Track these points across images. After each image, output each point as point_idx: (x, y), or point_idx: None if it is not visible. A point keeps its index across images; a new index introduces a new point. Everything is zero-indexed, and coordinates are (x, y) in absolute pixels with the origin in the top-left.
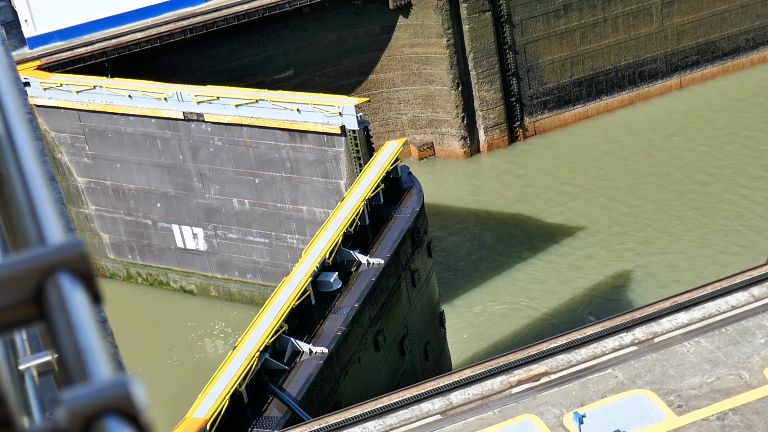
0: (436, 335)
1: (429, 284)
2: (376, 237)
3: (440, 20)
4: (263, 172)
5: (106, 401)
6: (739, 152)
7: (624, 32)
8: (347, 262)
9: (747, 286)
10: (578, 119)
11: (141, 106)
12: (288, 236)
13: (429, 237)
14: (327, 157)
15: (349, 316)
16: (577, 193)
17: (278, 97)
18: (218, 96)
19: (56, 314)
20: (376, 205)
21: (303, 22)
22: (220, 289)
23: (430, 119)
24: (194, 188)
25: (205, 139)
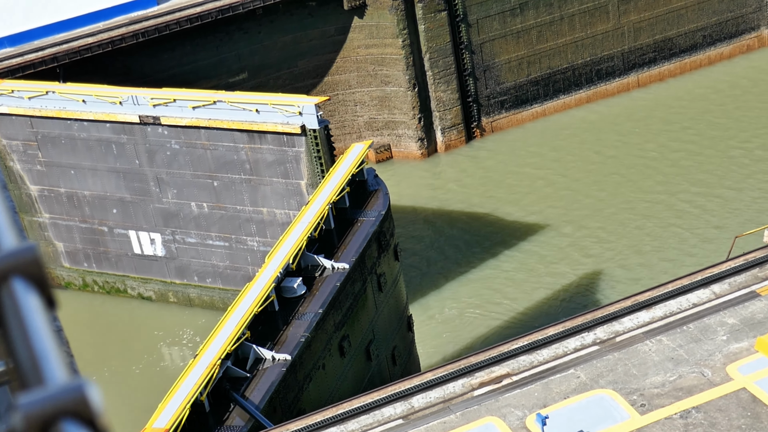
0: (403, 340)
1: (396, 288)
2: (342, 241)
3: (395, 20)
4: (222, 175)
5: (62, 405)
6: (699, 149)
7: (581, 30)
8: (312, 267)
9: (708, 283)
10: (535, 118)
11: (95, 110)
12: (248, 239)
13: (396, 240)
14: (287, 157)
15: (312, 322)
16: (535, 192)
17: (236, 98)
18: (175, 98)
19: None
20: (341, 208)
21: (257, 24)
22: (179, 294)
23: (386, 121)
24: (151, 193)
25: (162, 142)
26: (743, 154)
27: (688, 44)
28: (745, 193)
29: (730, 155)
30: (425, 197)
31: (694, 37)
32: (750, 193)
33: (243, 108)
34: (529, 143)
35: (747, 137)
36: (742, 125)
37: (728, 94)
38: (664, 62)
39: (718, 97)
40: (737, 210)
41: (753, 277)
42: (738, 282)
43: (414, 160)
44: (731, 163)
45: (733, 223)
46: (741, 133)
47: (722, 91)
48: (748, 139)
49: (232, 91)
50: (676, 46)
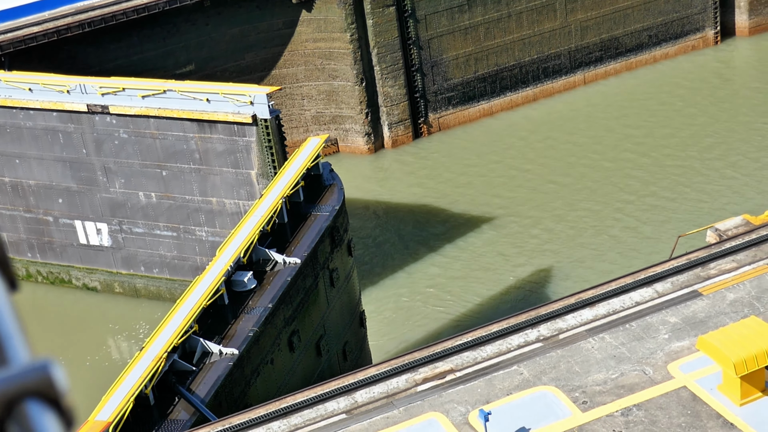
0: (355, 335)
1: (349, 284)
2: (295, 235)
3: (344, 15)
4: (171, 164)
5: (26, 385)
6: (644, 148)
7: (528, 28)
8: (263, 261)
9: (650, 282)
10: (482, 115)
11: (42, 99)
12: (197, 229)
13: (350, 236)
14: (237, 147)
15: (262, 316)
16: (482, 188)
17: (187, 88)
18: (124, 87)
19: None
20: (295, 202)
21: (204, 16)
22: (125, 285)
23: (333, 115)
24: (98, 182)
25: (110, 131)
26: (688, 154)
27: (634, 44)
28: (689, 192)
29: (675, 154)
30: (372, 192)
31: (640, 37)
32: (694, 192)
33: (193, 97)
34: (476, 140)
35: (692, 137)
36: (688, 125)
37: (673, 93)
38: (610, 61)
39: (663, 97)
40: (680, 209)
41: (695, 276)
42: (680, 281)
43: (361, 155)
44: (675, 163)
45: (676, 223)
46: (686, 133)
47: (668, 91)
48: (693, 139)
49: (182, 81)
50: (622, 46)
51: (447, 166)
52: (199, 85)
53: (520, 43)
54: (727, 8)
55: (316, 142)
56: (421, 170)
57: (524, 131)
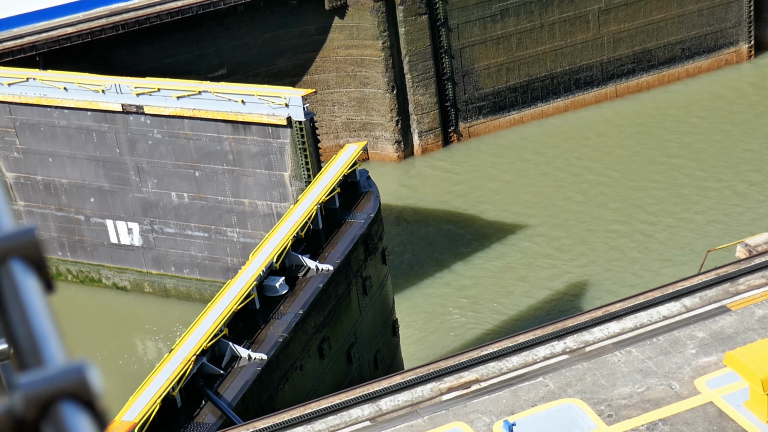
0: (388, 344)
1: (382, 292)
2: (329, 242)
3: (376, 22)
4: (204, 165)
5: (61, 386)
6: (675, 161)
7: (560, 39)
8: (296, 267)
9: (679, 296)
10: (512, 125)
11: (77, 98)
12: (228, 230)
13: (384, 244)
14: (271, 148)
15: (292, 322)
16: (511, 198)
17: (222, 89)
18: (159, 88)
19: (9, 300)
20: (331, 209)
21: (237, 20)
22: (155, 285)
23: (364, 122)
24: (131, 182)
25: (144, 131)
26: (719, 168)
27: (666, 57)
28: (719, 207)
29: (706, 168)
30: (402, 199)
31: (673, 50)
32: (724, 207)
33: (228, 99)
34: (506, 149)
35: (724, 151)
36: (719, 139)
37: (706, 107)
38: (642, 74)
39: (695, 110)
40: (710, 224)
41: (724, 291)
42: (709, 296)
43: (390, 163)
44: (706, 177)
45: (705, 237)
46: (718, 147)
47: (700, 105)
48: (725, 153)
49: (217, 82)
50: (654, 58)
51: (476, 175)
52: (234, 86)
53: (552, 54)
54: (761, 22)
55: (353, 149)
56: (450, 178)
57: (555, 142)
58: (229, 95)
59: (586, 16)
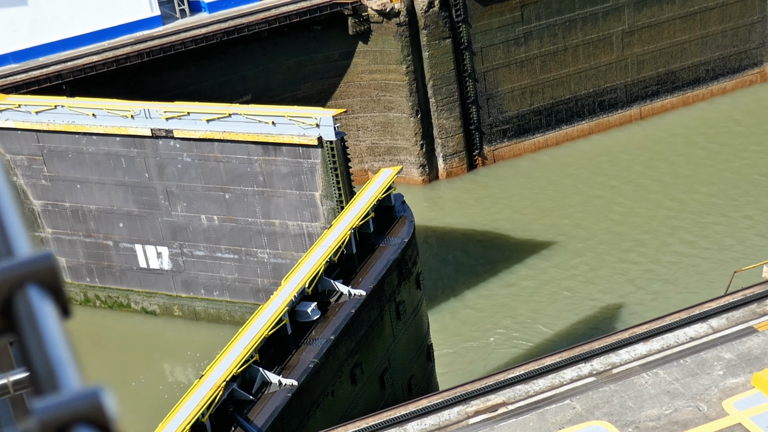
0: (422, 369)
1: (417, 316)
2: (362, 267)
3: (400, 47)
4: (234, 187)
5: (77, 411)
6: (700, 182)
7: (584, 61)
8: (328, 292)
9: (705, 317)
10: (537, 148)
11: (105, 124)
12: (258, 251)
13: (419, 269)
14: (302, 169)
15: (324, 348)
16: (537, 221)
17: (252, 111)
18: (189, 111)
19: (26, 326)
20: (365, 233)
21: (261, 46)
22: (185, 308)
23: (388, 146)
24: (160, 206)
25: (173, 155)
26: (745, 189)
27: (690, 78)
28: (746, 227)
29: (732, 189)
30: (429, 223)
31: (697, 71)
32: (750, 227)
33: (259, 120)
34: (531, 172)
35: (749, 171)
36: (745, 159)
37: (730, 128)
38: (666, 95)
39: (720, 131)
40: (737, 244)
41: (751, 312)
42: (736, 317)
43: (415, 186)
44: (732, 197)
45: (732, 258)
46: (743, 167)
47: (724, 126)
48: (750, 174)
49: (247, 105)
50: (678, 80)
51: (502, 198)
52: (265, 108)
53: (576, 77)
54: None
55: (388, 174)
56: (475, 201)
57: (580, 164)
58: (259, 117)
59: (609, 38)
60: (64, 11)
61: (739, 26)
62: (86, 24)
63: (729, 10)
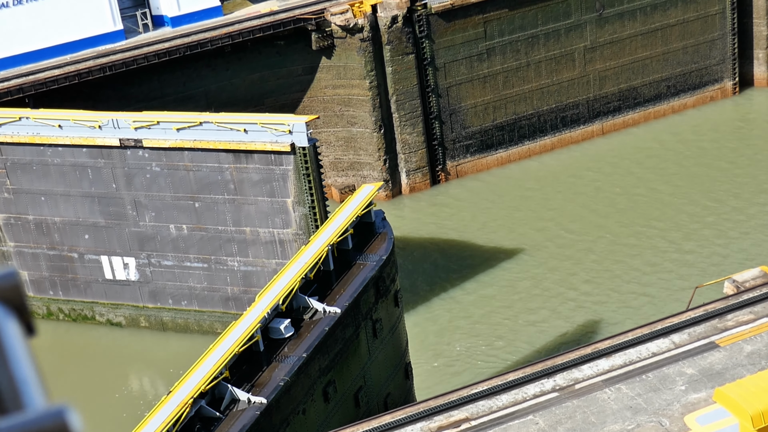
0: (400, 387)
1: (395, 334)
2: (339, 284)
3: (363, 62)
4: (204, 196)
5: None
6: (662, 198)
7: (547, 77)
8: (303, 309)
9: (667, 332)
10: (500, 164)
11: (72, 135)
12: (229, 259)
13: (397, 286)
14: (274, 176)
15: (295, 365)
16: (500, 236)
17: (223, 119)
18: (158, 121)
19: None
20: (344, 249)
21: (225, 61)
22: (152, 318)
23: (351, 161)
24: (127, 217)
25: (142, 165)
26: (706, 205)
27: (652, 94)
28: (706, 243)
29: (694, 205)
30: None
31: (658, 87)
32: (711, 244)
33: (230, 128)
34: (494, 187)
35: (710, 187)
36: (705, 175)
37: (692, 144)
38: (628, 111)
39: (681, 147)
40: (698, 260)
41: (712, 327)
42: (697, 332)
43: (378, 202)
44: (694, 213)
45: (693, 274)
46: (704, 183)
47: (686, 141)
48: (711, 190)
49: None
50: (640, 96)
51: (466, 213)
52: (236, 116)
53: (539, 92)
54: (745, 59)
55: (369, 190)
56: (439, 216)
57: (542, 180)
58: (231, 125)
59: (572, 54)
60: (26, 24)
61: (700, 43)
62: (48, 37)
63: (690, 26)
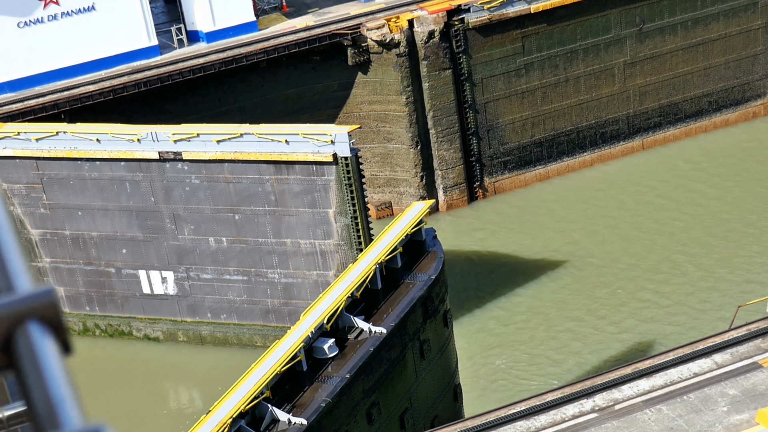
0: (448, 409)
1: (443, 355)
2: (387, 303)
3: (400, 77)
4: (244, 208)
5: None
6: (704, 215)
7: (586, 92)
8: (348, 329)
9: (709, 352)
10: (538, 180)
11: (110, 149)
12: (269, 271)
13: (447, 306)
14: (315, 186)
15: (338, 386)
16: (538, 254)
17: (264, 130)
18: (198, 133)
19: (26, 363)
20: (393, 268)
21: (260, 77)
22: (190, 333)
23: (388, 178)
24: (166, 230)
25: (181, 178)
26: (749, 222)
27: (693, 109)
28: (750, 262)
29: (737, 222)
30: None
31: (699, 103)
32: (754, 262)
33: (272, 139)
34: (532, 204)
35: (753, 205)
36: (749, 192)
37: (734, 160)
38: (669, 127)
39: (723, 163)
40: (740, 279)
41: (755, 347)
42: (740, 352)
43: None
44: (736, 231)
45: (736, 292)
46: (747, 201)
47: (728, 157)
48: (754, 207)
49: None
50: (681, 111)
51: (503, 230)
52: (277, 127)
53: (578, 108)
54: None
55: (420, 207)
56: (477, 233)
57: (582, 196)
58: (272, 136)
59: (611, 70)
60: (61, 40)
61: (742, 58)
62: (83, 53)
63: (732, 41)
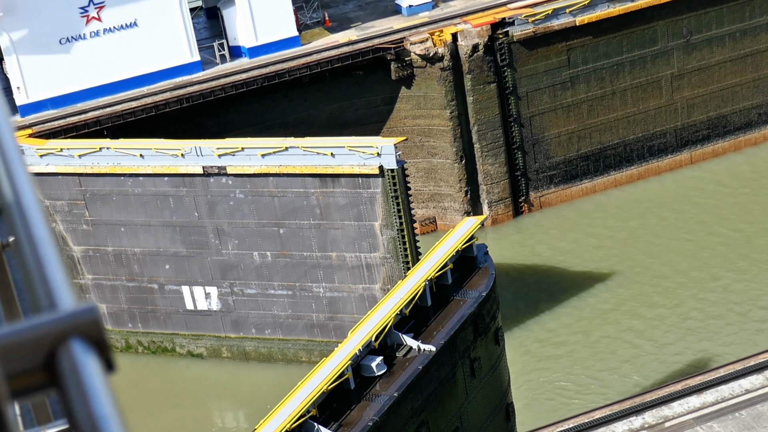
0: (500, 428)
1: (495, 374)
2: (436, 320)
3: (444, 92)
4: (289, 222)
5: None
6: (754, 228)
7: (632, 105)
8: (397, 346)
9: (761, 368)
10: (585, 194)
11: (154, 164)
12: (314, 285)
13: (498, 323)
14: (361, 199)
15: (386, 404)
16: (586, 269)
17: (310, 143)
18: (243, 147)
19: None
20: (443, 285)
21: (302, 92)
22: (234, 348)
23: (432, 193)
24: (209, 245)
25: (225, 193)
26: None
27: (742, 122)
28: None
29: None
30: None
31: (749, 115)
32: None
33: (317, 152)
34: (579, 219)
35: None
36: None
37: None
38: (718, 139)
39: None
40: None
41: None
42: None
43: None
44: None
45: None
46: None
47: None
48: None
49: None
50: (730, 124)
51: (550, 245)
52: (323, 140)
53: (625, 121)
54: None
55: (471, 223)
56: (523, 248)
57: (629, 210)
58: (317, 149)
59: (658, 82)
60: (103, 57)
61: None
62: (125, 69)
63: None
